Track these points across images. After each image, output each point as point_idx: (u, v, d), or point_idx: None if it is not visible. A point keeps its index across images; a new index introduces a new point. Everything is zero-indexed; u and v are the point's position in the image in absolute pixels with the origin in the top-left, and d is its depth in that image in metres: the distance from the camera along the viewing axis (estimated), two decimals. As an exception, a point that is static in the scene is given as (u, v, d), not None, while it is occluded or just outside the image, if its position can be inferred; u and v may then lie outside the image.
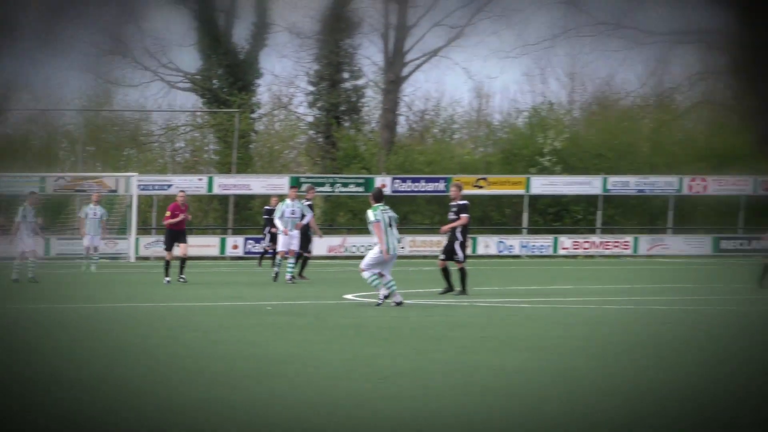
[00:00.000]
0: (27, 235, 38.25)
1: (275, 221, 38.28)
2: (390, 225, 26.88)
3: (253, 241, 62.61)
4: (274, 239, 40.52)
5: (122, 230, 60.29)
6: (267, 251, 46.50)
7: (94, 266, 44.81)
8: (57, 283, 37.99)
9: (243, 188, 65.93)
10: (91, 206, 44.98)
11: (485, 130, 79.47)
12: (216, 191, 65.48)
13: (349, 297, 30.74)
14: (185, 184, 65.17)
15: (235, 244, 63.36)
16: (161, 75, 76.47)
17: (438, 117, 79.57)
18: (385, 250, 26.67)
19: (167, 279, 36.45)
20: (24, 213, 38.41)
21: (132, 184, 62.31)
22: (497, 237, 65.64)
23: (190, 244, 39.97)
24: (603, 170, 68.61)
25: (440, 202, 58.28)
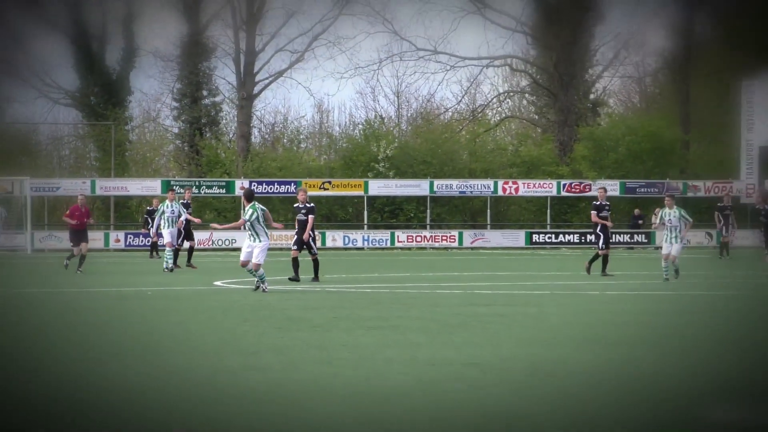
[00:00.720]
0: None
1: (156, 219, 38.45)
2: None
3: (132, 236, 62.77)
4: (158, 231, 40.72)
5: (19, 226, 60.21)
6: (156, 243, 46.47)
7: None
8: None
9: (121, 190, 65.65)
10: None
11: (327, 140, 79.78)
12: (98, 192, 65.27)
13: (218, 283, 30.66)
14: (71, 187, 64.94)
15: (117, 238, 63.54)
16: (45, 93, 76.07)
17: (286, 129, 79.97)
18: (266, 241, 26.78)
19: (79, 270, 35.80)
20: None
21: (26, 187, 62.26)
22: (342, 232, 65.76)
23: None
24: (429, 174, 69.01)
25: (292, 201, 58.26)
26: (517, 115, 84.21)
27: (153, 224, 40.15)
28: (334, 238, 64.59)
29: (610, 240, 34.38)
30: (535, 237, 67.02)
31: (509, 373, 12.93)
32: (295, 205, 31.90)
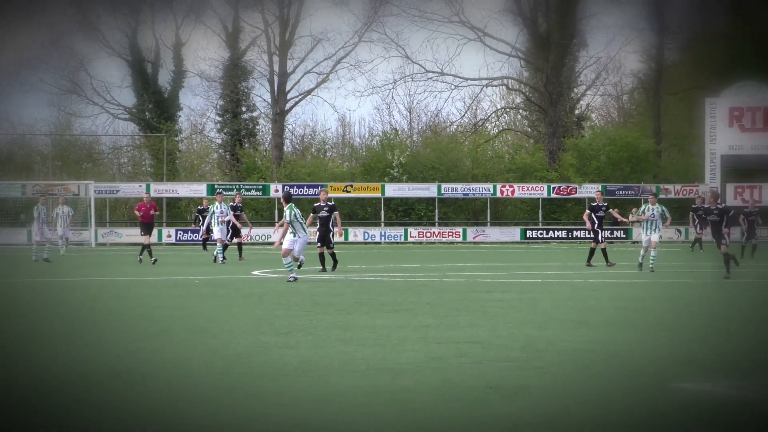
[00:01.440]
0: (42, 227, 38.13)
1: (207, 219, 38.33)
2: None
3: (182, 232, 62.98)
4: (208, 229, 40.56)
5: (85, 224, 60.41)
6: (206, 240, 46.31)
7: (64, 250, 44.05)
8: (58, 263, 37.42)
9: (172, 192, 65.81)
10: (61, 206, 44.26)
11: (349, 150, 79.81)
12: (152, 195, 64.79)
13: (256, 273, 30.63)
14: (129, 190, 65.13)
15: (169, 234, 63.74)
16: (106, 109, 76.32)
17: (314, 140, 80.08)
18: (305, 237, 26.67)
19: (141, 258, 35.88)
20: (38, 211, 38.34)
21: (90, 190, 62.44)
22: (362, 228, 65.82)
23: (135, 235, 39.59)
24: (437, 179, 69.07)
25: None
26: (513, 128, 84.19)
27: (203, 222, 39.86)
28: (356, 234, 64.68)
29: (602, 235, 34.33)
30: (529, 233, 67.01)
31: (506, 350, 12.89)
32: (316, 204, 31.71)
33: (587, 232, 36.47)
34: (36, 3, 79.23)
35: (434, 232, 66.31)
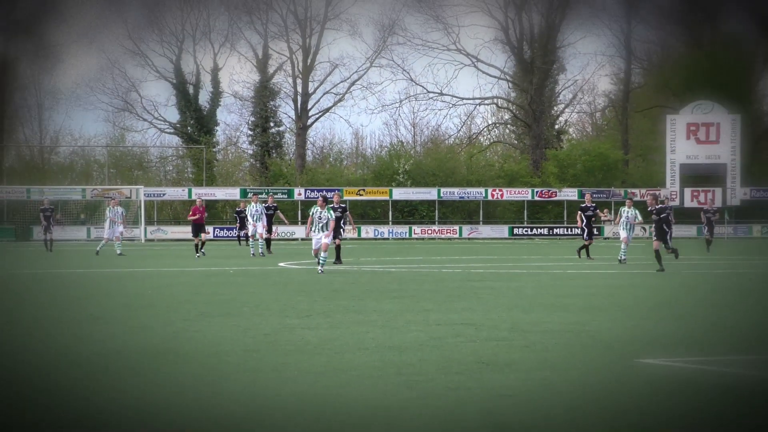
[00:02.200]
0: (114, 225, 38.06)
1: (247, 217, 38.01)
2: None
3: (219, 229, 63.09)
4: (244, 226, 40.69)
5: (135, 222, 60.50)
6: (241, 236, 46.29)
7: (119, 246, 43.88)
8: (113, 256, 37.48)
9: (210, 195, 65.66)
10: (116, 207, 44.11)
11: (361, 159, 79.87)
12: (193, 197, 65.14)
13: (282, 264, 30.66)
14: (174, 193, 65.27)
15: (207, 231, 63.23)
16: (154, 124, 76.52)
17: (331, 150, 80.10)
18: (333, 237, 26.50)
19: (197, 255, 35.19)
20: (111, 212, 38.23)
21: (140, 193, 62.49)
22: (373, 226, 65.74)
23: (178, 232, 39.36)
24: (437, 184, 69.03)
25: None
26: (502, 140, 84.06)
27: (248, 221, 39.30)
28: (367, 231, 64.65)
29: (594, 233, 34.45)
30: (516, 230, 66.88)
31: (496, 330, 12.88)
32: (331, 206, 31.60)
33: (578, 230, 36.60)
34: (94, 33, 79.47)
35: (434, 230, 66.24)
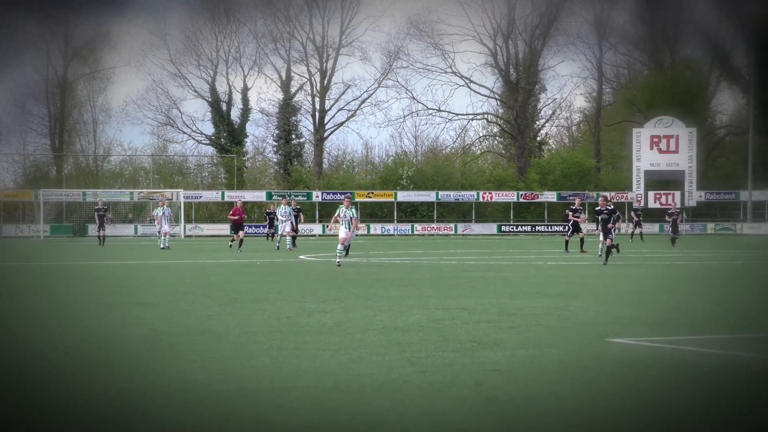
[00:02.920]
0: (165, 223, 38.08)
1: (278, 217, 37.91)
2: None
3: (247, 227, 62.77)
4: (272, 225, 40.65)
5: (176, 220, 60.55)
6: (269, 234, 46.07)
7: (162, 241, 43.83)
8: (158, 249, 37.50)
9: (240, 198, 65.09)
10: (160, 207, 44.10)
11: (370, 166, 79.83)
12: (226, 199, 65.62)
13: (302, 257, 30.66)
14: (209, 196, 65.30)
15: (232, 230, 63.42)
16: (193, 136, 76.64)
17: (344, 159, 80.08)
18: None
19: (240, 250, 34.89)
20: (163, 211, 38.17)
21: (180, 196, 62.53)
22: (380, 224, 65.82)
23: (213, 229, 39.20)
24: (436, 188, 69.03)
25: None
26: (491, 150, 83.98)
27: (278, 220, 38.98)
28: (375, 229, 64.70)
29: (580, 230, 33.77)
30: (503, 228, 66.93)
31: (486, 314, 12.86)
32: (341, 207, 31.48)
33: (564, 227, 36.42)
34: (141, 58, 79.63)
35: (433, 227, 66.22)
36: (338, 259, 25.12)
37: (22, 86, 74.90)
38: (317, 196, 65.77)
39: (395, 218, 67.22)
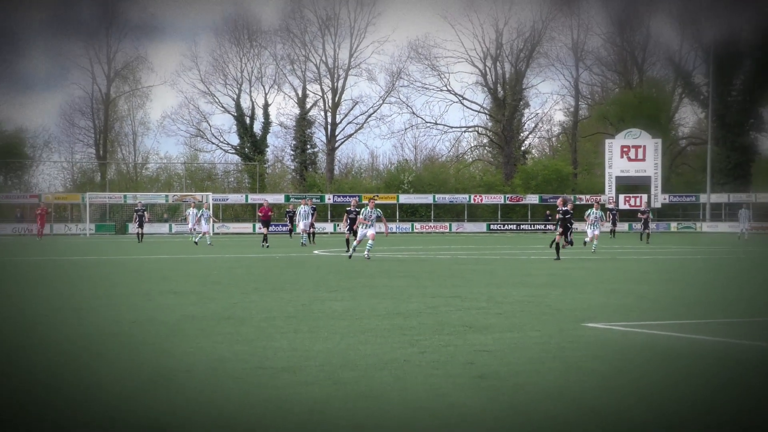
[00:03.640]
0: (204, 223, 37.96)
1: (297, 216, 37.79)
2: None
3: (271, 226, 62.85)
4: (291, 221, 40.67)
5: (206, 220, 60.25)
6: (291, 231, 45.58)
7: (192, 238, 43.65)
8: (190, 245, 37.45)
9: (261, 200, 65.07)
10: (192, 209, 44.05)
11: (376, 172, 79.83)
12: (249, 202, 65.54)
13: (316, 252, 30.62)
14: (235, 199, 65.18)
15: (260, 227, 62.77)
16: (220, 146, 76.65)
17: (353, 166, 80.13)
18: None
19: (266, 245, 34.34)
20: (202, 212, 38.05)
21: (209, 198, 62.28)
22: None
23: (238, 227, 38.96)
24: (432, 191, 68.96)
25: (360, 206, 58.81)
26: (482, 159, 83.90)
27: (296, 220, 38.75)
28: (380, 227, 64.47)
29: (569, 231, 32.60)
30: (492, 226, 66.84)
31: (476, 301, 12.84)
32: (348, 209, 31.26)
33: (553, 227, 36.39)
34: (175, 78, 79.79)
35: (431, 226, 66.15)
36: (367, 253, 24.67)
37: (71, 102, 75.87)
38: (329, 199, 66.02)
39: (397, 218, 67.20)
